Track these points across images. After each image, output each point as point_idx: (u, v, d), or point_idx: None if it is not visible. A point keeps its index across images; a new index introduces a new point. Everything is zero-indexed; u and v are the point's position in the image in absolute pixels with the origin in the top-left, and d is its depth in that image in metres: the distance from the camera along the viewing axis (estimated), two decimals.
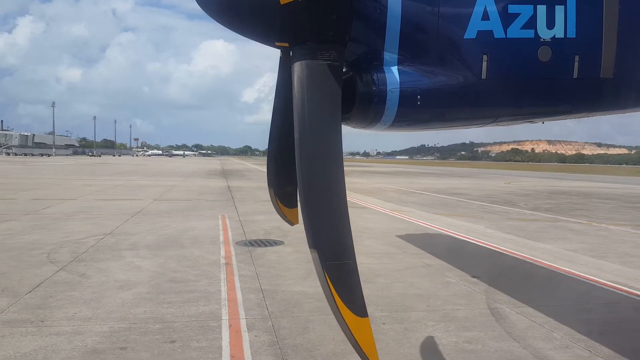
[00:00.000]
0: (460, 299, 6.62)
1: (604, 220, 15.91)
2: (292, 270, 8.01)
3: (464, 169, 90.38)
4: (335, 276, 2.84)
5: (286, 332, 5.27)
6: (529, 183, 40.06)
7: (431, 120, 3.70)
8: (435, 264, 8.75)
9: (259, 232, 11.74)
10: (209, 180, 33.82)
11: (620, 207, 20.81)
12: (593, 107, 3.89)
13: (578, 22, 3.36)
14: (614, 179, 52.28)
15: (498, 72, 3.38)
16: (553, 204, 21.58)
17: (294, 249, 9.82)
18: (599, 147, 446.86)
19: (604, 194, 28.34)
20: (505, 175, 56.21)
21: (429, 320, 5.76)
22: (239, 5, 3.04)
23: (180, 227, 12.15)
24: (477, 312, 6.08)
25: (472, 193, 26.61)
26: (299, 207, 3.06)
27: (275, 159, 4.19)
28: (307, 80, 2.96)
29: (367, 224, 13.65)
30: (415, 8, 3.28)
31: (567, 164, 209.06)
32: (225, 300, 6.28)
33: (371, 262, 8.76)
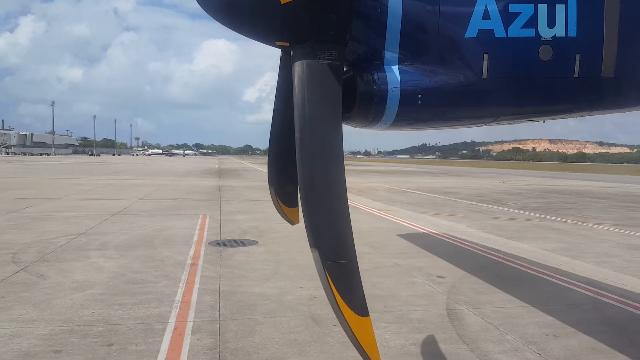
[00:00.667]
0: (420, 300, 6.48)
1: (590, 219, 15.75)
2: (257, 270, 7.88)
3: (463, 168, 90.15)
4: (336, 275, 2.83)
5: (231, 335, 5.14)
6: (524, 182, 39.85)
7: (432, 119, 3.68)
8: (405, 263, 8.61)
9: (235, 232, 11.62)
10: (202, 179, 33.71)
11: (610, 206, 20.62)
12: (594, 106, 3.85)
13: (579, 21, 3.35)
14: (612, 178, 52.04)
15: (499, 71, 3.37)
16: (543, 203, 21.40)
17: (266, 249, 9.70)
18: (601, 146, 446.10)
19: (597, 193, 28.14)
20: (503, 175, 56.00)
21: (382, 321, 5.62)
22: (239, 5, 3.03)
23: (156, 227, 12.03)
24: (434, 314, 5.94)
25: (463, 192, 26.44)
26: (300, 207, 3.07)
27: (276, 159, 4.18)
28: (307, 80, 2.96)
29: None
30: (416, 7, 3.27)
31: (568, 163, 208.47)
32: (178, 302, 6.15)
33: None
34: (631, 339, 5.28)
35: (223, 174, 44.10)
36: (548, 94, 3.60)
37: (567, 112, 3.90)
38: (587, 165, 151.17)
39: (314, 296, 6.52)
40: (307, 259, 8.83)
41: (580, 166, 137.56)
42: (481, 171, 68.79)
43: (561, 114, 3.93)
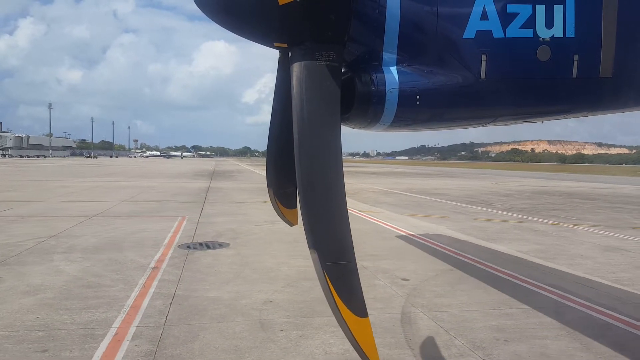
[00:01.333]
0: (377, 304, 6.34)
1: (574, 220, 15.62)
2: (219, 274, 7.74)
3: (460, 169, 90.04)
4: (335, 276, 2.84)
5: (171, 341, 5.00)
6: (517, 183, 39.74)
7: (430, 120, 3.67)
8: (373, 266, 8.48)
9: (210, 234, 11.47)
10: (192, 181, 33.56)
11: (598, 207, 20.50)
12: (592, 106, 3.85)
13: (577, 22, 3.35)
14: (607, 179, 51.97)
15: (497, 71, 3.37)
16: (531, 204, 21.28)
17: (235, 252, 9.55)
18: (600, 147, 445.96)
19: (588, 194, 28.02)
20: (498, 176, 55.92)
21: (332, 326, 5.47)
22: (237, 6, 3.03)
23: (130, 230, 11.89)
24: (387, 317, 5.80)
25: (452, 193, 26.31)
26: (299, 208, 3.08)
27: (274, 160, 4.17)
28: (306, 81, 2.96)
29: None
30: (414, 8, 3.27)
31: (565, 164, 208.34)
32: (127, 307, 6.01)
33: (306, 265, 8.48)
34: (585, 344, 5.14)
35: (216, 175, 43.96)
36: (546, 94, 3.60)
37: (565, 113, 3.89)
38: (584, 167, 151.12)
39: (270, 300, 6.39)
40: (275, 262, 8.72)
41: (578, 167, 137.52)
42: (477, 172, 68.69)
43: (559, 114, 3.94)
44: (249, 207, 17.93)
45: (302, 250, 9.76)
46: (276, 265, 8.40)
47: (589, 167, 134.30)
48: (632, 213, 18.21)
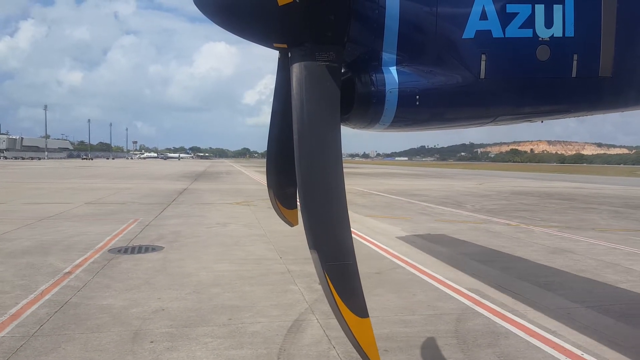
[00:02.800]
0: (275, 311, 6.04)
1: (538, 221, 15.31)
2: (128, 280, 7.42)
3: (454, 169, 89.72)
4: (336, 277, 2.85)
5: (27, 353, 4.70)
6: (503, 184, 39.45)
7: (430, 120, 3.67)
8: (299, 270, 8.19)
9: (151, 238, 11.17)
10: (173, 182, 33.26)
11: (571, 207, 20.18)
12: (592, 106, 3.86)
13: (576, 21, 3.36)
14: (598, 179, 51.70)
15: (497, 71, 3.37)
16: (503, 204, 20.97)
17: (163, 256, 9.25)
18: (599, 147, 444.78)
19: (569, 194, 27.71)
20: (490, 176, 55.68)
21: (211, 336, 5.18)
22: (237, 7, 3.04)
23: (71, 233, 11.59)
24: (275, 326, 5.50)
25: (431, 194, 26.01)
26: (299, 208, 3.09)
27: (274, 160, 4.18)
28: (305, 81, 2.97)
29: (280, 227, 13.07)
30: (413, 8, 3.27)
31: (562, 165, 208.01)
32: (7, 316, 5.71)
33: (229, 269, 8.19)
34: (469, 355, 4.84)
35: (202, 177, 43.71)
36: (546, 94, 3.59)
37: (565, 113, 3.88)
38: (581, 167, 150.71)
39: (162, 309, 6.08)
40: (197, 266, 8.41)
41: (574, 167, 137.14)
42: (470, 173, 68.41)
43: (559, 114, 3.92)
44: (213, 208, 17.64)
45: (235, 254, 9.49)
46: (196, 270, 8.10)
47: (586, 168, 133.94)
48: (603, 214, 17.89)
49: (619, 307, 6.45)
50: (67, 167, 66.92)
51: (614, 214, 17.88)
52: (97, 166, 72.62)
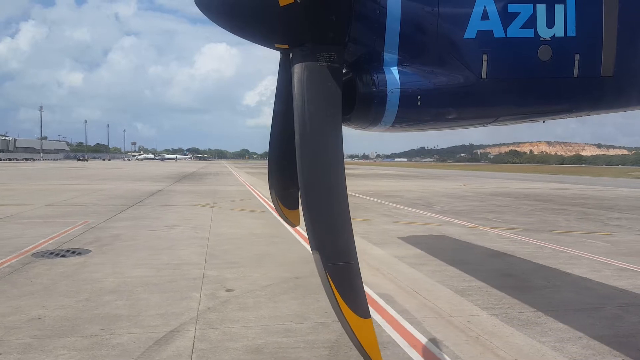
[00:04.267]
0: (158, 320, 5.72)
1: (499, 223, 14.98)
2: (27, 286, 7.10)
3: (450, 170, 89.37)
4: (338, 277, 2.86)
5: None
6: (488, 185, 39.13)
7: (432, 120, 3.65)
8: (217, 275, 7.88)
9: (85, 241, 10.83)
10: (152, 184, 32.94)
11: (543, 208, 19.85)
12: (594, 105, 3.84)
13: (578, 21, 3.36)
14: (589, 180, 51.40)
15: (498, 71, 3.37)
16: (474, 205, 20.65)
17: (83, 260, 8.91)
18: (599, 148, 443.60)
19: (546, 195, 27.37)
20: (480, 177, 55.45)
21: (68, 349, 4.86)
22: (239, 8, 3.03)
23: (9, 235, 11.32)
24: (145, 338, 5.17)
25: (406, 195, 25.68)
26: (300, 209, 3.09)
27: (276, 161, 4.17)
28: (307, 82, 2.98)
29: (228, 230, 12.79)
30: (415, 8, 3.26)
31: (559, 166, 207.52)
32: None
33: (140, 275, 7.86)
34: None
35: (188, 178, 43.46)
36: (547, 94, 3.60)
37: (566, 112, 3.87)
38: (578, 168, 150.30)
39: (39, 317, 5.77)
40: (109, 272, 8.09)
41: (571, 168, 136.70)
42: (462, 174, 68.11)
43: (561, 114, 3.91)
44: (174, 210, 17.33)
45: (159, 258, 9.17)
46: (105, 276, 7.78)
47: (582, 169, 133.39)
48: (571, 215, 17.56)
49: (527, 315, 6.13)
50: (58, 168, 66.70)
51: (582, 216, 17.55)
52: (88, 167, 72.40)
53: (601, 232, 13.54)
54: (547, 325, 5.77)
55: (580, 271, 8.48)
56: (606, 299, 6.87)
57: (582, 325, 5.74)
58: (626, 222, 15.98)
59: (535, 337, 5.38)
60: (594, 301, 6.78)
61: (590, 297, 6.96)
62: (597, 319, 6.01)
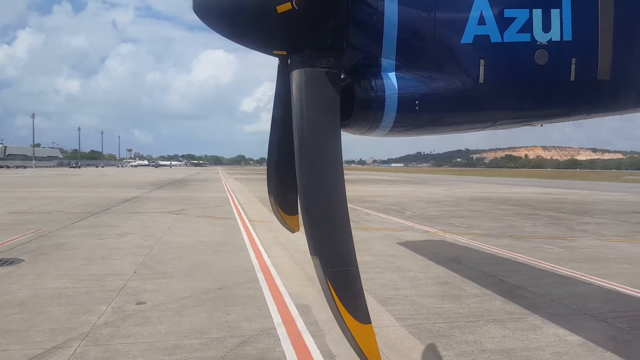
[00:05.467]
0: (44, 336, 5.38)
1: (464, 228, 14.71)
2: None
3: (441, 175, 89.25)
4: (338, 283, 2.87)
5: None
6: (471, 189, 38.97)
7: (430, 124, 3.68)
8: (135, 286, 7.55)
9: (24, 250, 10.50)
10: (132, 190, 32.57)
11: (515, 213, 19.60)
12: (591, 109, 3.88)
13: (574, 25, 3.39)
14: (578, 184, 51.35)
15: (495, 76, 3.39)
16: (447, 211, 20.39)
17: (9, 271, 8.56)
18: (594, 153, 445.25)
19: (526, 200, 27.16)
20: (468, 182, 55.40)
21: None
22: (237, 15, 3.05)
23: None
24: (19, 355, 4.85)
25: (383, 201, 25.40)
26: (300, 214, 3.12)
27: (275, 167, 4.17)
28: (305, 88, 3.00)
29: (179, 239, 12.46)
30: (412, 14, 3.28)
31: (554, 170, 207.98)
32: None
33: (57, 287, 7.52)
34: None
35: (172, 184, 43.14)
36: (545, 97, 3.62)
37: (564, 116, 3.89)
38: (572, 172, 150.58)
39: None
40: (27, 283, 7.65)
41: (564, 173, 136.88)
42: (452, 179, 68.01)
43: (558, 117, 3.94)
44: (136, 218, 16.99)
45: (88, 268, 8.83)
46: (21, 287, 7.44)
47: (576, 173, 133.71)
48: (540, 220, 17.31)
49: (439, 327, 5.83)
50: (46, 175, 66.20)
51: (552, 220, 17.30)
52: (77, 175, 71.89)
53: (563, 237, 13.28)
54: (455, 337, 5.48)
55: (518, 279, 8.19)
56: (533, 308, 6.58)
57: (492, 338, 5.46)
58: (594, 226, 15.74)
59: (435, 351, 5.09)
60: (517, 311, 6.49)
61: (517, 307, 6.66)
62: (513, 331, 5.72)
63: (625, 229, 15.09)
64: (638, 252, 11.09)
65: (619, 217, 18.47)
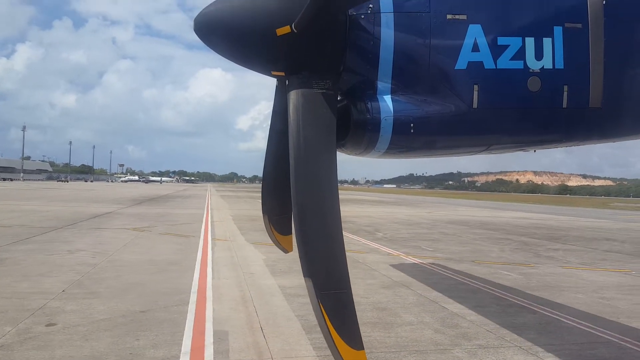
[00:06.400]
0: None
1: (429, 251, 14.41)
2: None
3: (429, 197, 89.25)
4: (330, 306, 2.85)
5: None
6: (453, 212, 38.86)
7: (425, 147, 3.71)
8: (56, 307, 7.14)
9: None
10: (107, 206, 32.03)
11: (486, 237, 19.35)
12: (584, 136, 3.89)
13: (565, 54, 3.46)
14: (560, 210, 51.41)
15: (489, 101, 3.44)
16: (419, 233, 20.12)
17: None
18: (584, 179, 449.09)
19: (502, 224, 26.99)
20: (454, 205, 55.30)
21: None
22: (237, 36, 3.10)
23: None
24: None
25: (359, 222, 25.07)
26: (294, 235, 3.19)
27: (270, 186, 4.19)
28: (302, 108, 3.05)
29: (132, 256, 12.04)
30: (407, 40, 3.34)
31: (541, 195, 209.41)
32: None
33: None
34: None
35: (154, 200, 42.64)
36: (538, 124, 3.65)
37: (557, 142, 3.93)
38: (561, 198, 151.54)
39: None
40: None
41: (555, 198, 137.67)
42: (439, 201, 68.01)
43: (551, 143, 3.99)
44: (98, 234, 16.52)
45: (16, 287, 8.38)
46: None
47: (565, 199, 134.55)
48: (509, 245, 17.05)
49: None
50: (30, 188, 65.26)
51: (521, 246, 17.05)
52: (62, 188, 70.93)
53: (526, 263, 13.01)
54: None
55: (460, 307, 7.87)
56: (464, 339, 6.25)
57: None
58: (562, 253, 15.50)
59: None
60: (445, 342, 6.15)
61: (447, 337, 6.33)
62: None
63: (592, 256, 14.86)
64: (597, 280, 10.84)
65: (590, 244, 18.27)
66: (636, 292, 9.50)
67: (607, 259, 14.40)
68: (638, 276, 11.57)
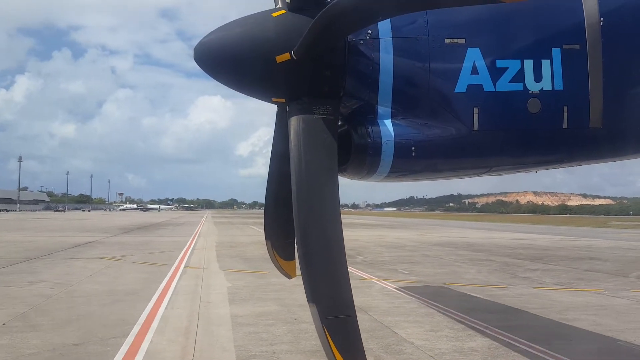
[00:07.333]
0: None
1: (404, 275, 14.17)
2: None
3: (425, 220, 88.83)
4: (335, 331, 2.86)
5: None
6: (444, 234, 38.51)
7: (426, 170, 3.72)
8: None
9: None
10: (93, 235, 31.67)
11: (469, 259, 19.04)
12: (585, 156, 3.89)
13: (564, 75, 3.45)
14: (556, 230, 51.07)
15: (489, 124, 3.44)
16: (402, 256, 19.87)
17: None
18: (584, 198, 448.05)
19: (490, 245, 26.66)
20: (447, 227, 54.94)
21: None
22: (237, 64, 3.13)
23: None
24: None
25: (345, 245, 24.73)
26: (297, 260, 3.15)
27: (272, 212, 4.17)
28: (303, 134, 3.06)
29: (94, 286, 11.76)
30: (406, 64, 3.36)
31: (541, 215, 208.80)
32: None
33: None
34: None
35: (144, 229, 42.37)
36: (538, 145, 3.65)
37: (558, 163, 3.93)
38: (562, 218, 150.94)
39: None
40: None
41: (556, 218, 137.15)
42: (435, 223, 67.68)
43: (553, 164, 3.99)
44: (69, 264, 16.25)
45: None
46: None
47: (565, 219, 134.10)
48: (489, 267, 16.75)
49: None
50: (22, 219, 65.01)
51: (501, 267, 16.74)
52: (56, 218, 70.66)
53: (498, 285, 12.72)
54: None
55: (410, 332, 7.59)
56: None
57: None
58: (540, 273, 15.20)
59: None
60: None
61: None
62: None
63: (570, 276, 14.55)
64: (564, 301, 10.55)
65: (573, 264, 17.95)
66: (601, 313, 9.22)
67: (584, 279, 14.12)
68: (609, 295, 11.27)
